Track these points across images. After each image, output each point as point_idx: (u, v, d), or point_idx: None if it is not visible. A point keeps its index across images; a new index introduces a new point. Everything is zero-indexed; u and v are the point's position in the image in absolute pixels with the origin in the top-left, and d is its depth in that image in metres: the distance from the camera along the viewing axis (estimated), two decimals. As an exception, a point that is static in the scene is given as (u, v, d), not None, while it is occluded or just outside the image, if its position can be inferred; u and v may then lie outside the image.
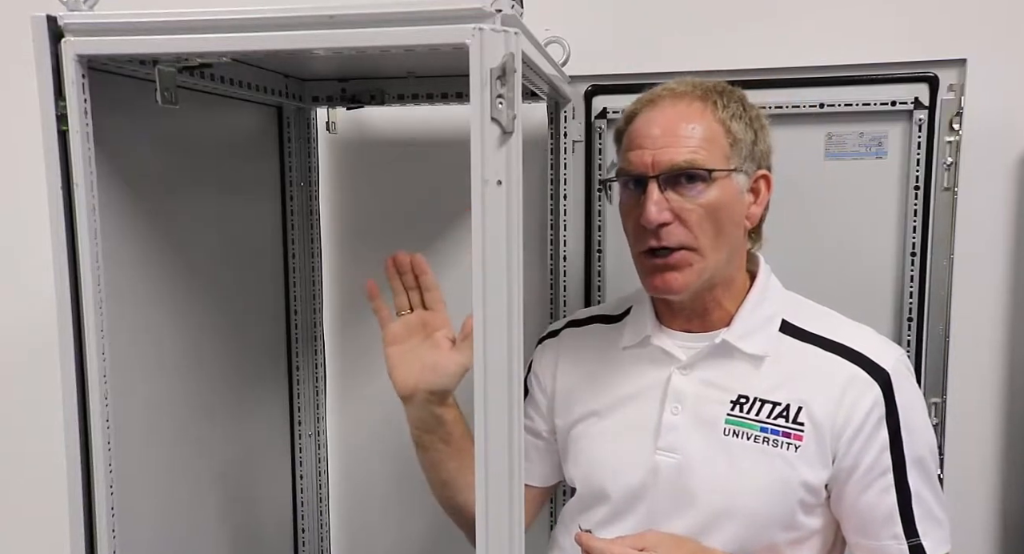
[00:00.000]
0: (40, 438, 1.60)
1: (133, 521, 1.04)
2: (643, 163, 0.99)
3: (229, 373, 1.34)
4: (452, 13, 0.81)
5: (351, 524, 1.72)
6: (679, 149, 0.98)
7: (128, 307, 1.07)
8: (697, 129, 0.99)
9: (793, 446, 0.97)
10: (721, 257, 1.00)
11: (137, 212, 1.09)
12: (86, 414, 0.96)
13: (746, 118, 1.02)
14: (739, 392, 1.00)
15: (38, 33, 0.90)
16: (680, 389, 1.03)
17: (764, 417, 0.98)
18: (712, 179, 0.98)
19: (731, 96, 1.03)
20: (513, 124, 0.79)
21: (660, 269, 0.99)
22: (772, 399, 0.99)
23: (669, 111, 1.01)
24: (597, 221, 1.49)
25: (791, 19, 1.43)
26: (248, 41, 0.88)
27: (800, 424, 0.97)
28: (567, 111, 1.45)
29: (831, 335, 1.01)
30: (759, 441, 0.98)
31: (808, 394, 0.98)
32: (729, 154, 1.00)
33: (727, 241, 1.00)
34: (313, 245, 1.55)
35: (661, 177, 0.98)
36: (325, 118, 1.55)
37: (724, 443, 0.99)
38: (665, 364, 1.05)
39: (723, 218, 0.99)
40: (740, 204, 1.01)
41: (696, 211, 0.98)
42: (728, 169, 0.99)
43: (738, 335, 1.02)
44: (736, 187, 1.00)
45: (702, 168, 0.97)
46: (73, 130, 0.91)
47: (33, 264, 1.32)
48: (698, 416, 1.01)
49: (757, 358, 1.01)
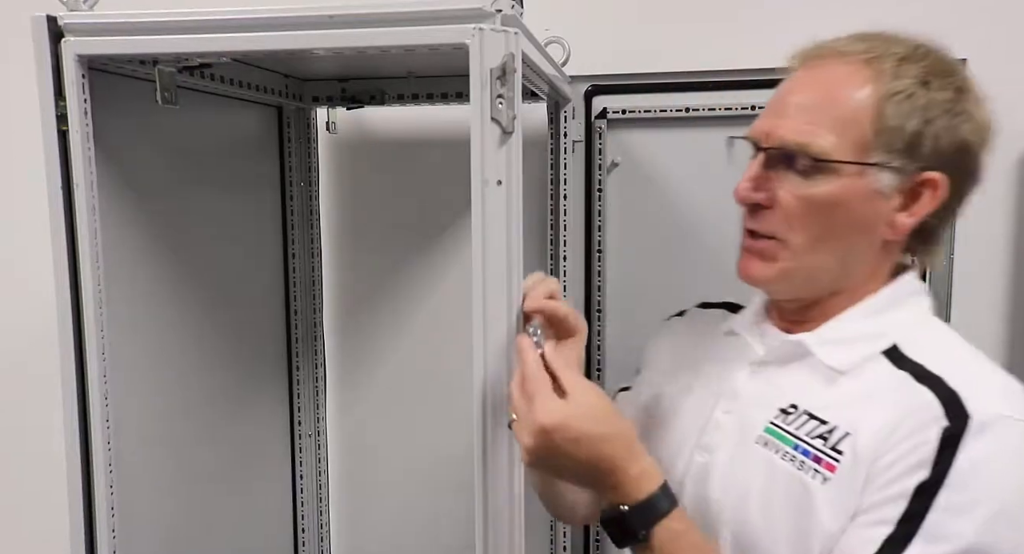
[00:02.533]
0: (40, 438, 1.60)
1: (133, 521, 1.04)
2: (760, 131, 0.85)
3: (229, 373, 1.34)
4: (452, 13, 0.81)
5: (351, 524, 1.72)
6: (796, 125, 0.81)
7: (128, 307, 1.07)
8: (831, 104, 0.80)
9: (821, 476, 0.77)
10: (822, 262, 0.83)
11: (137, 212, 1.09)
12: (86, 414, 0.96)
13: (926, 103, 0.79)
14: (792, 400, 0.84)
15: (38, 33, 0.90)
16: (739, 387, 0.90)
17: (803, 434, 0.81)
18: (830, 169, 0.79)
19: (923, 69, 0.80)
20: (513, 124, 0.79)
21: (746, 252, 0.86)
22: (821, 416, 0.81)
23: (816, 74, 0.84)
24: (597, 221, 1.49)
25: (791, 19, 1.42)
26: (248, 41, 0.88)
27: (838, 452, 0.77)
28: (567, 111, 1.45)
29: (935, 367, 0.78)
30: (787, 459, 0.81)
31: (863, 421, 0.77)
32: (869, 143, 0.79)
33: (837, 246, 0.82)
34: (313, 245, 1.55)
35: (770, 153, 0.83)
36: (325, 118, 1.55)
37: (750, 453, 0.84)
38: (743, 357, 0.91)
39: (836, 218, 0.81)
40: (873, 207, 0.81)
41: (797, 202, 0.81)
42: (851, 161, 0.79)
43: (820, 340, 0.85)
44: (870, 185, 0.80)
45: (808, 154, 0.80)
46: (73, 130, 0.91)
47: (33, 264, 1.32)
48: (743, 418, 0.87)
49: (833, 372, 0.83)
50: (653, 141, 1.47)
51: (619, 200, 1.49)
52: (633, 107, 1.45)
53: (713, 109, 1.42)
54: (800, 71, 0.86)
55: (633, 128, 1.48)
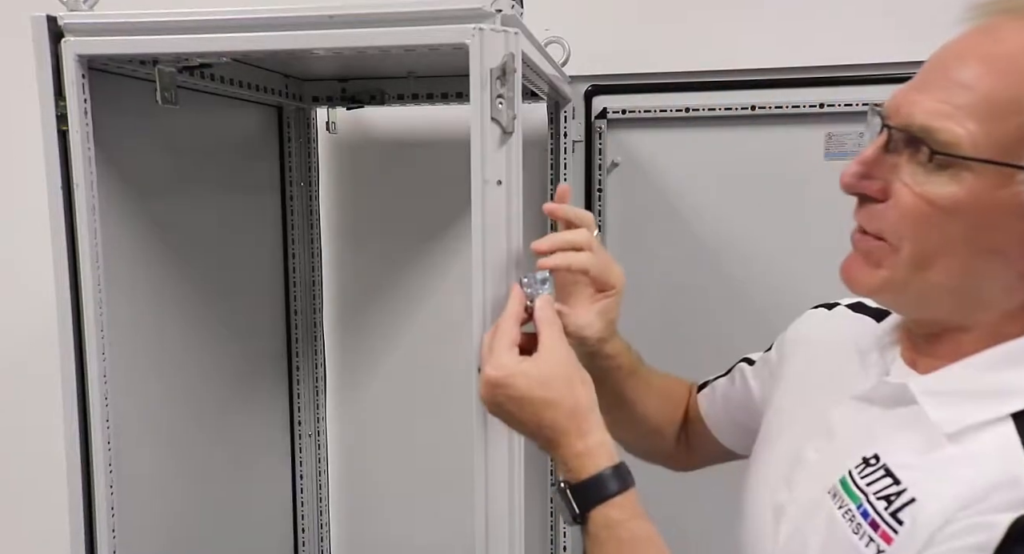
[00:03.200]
0: (40, 438, 1.60)
1: (133, 521, 1.04)
2: (892, 103, 0.67)
3: (229, 373, 1.34)
4: (452, 13, 0.81)
5: (351, 524, 1.72)
6: (931, 103, 0.63)
7: (128, 307, 1.07)
8: (990, 80, 0.61)
9: (876, 546, 0.65)
10: (934, 283, 0.66)
11: (137, 212, 1.09)
12: (86, 414, 0.96)
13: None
14: (876, 450, 0.70)
15: (38, 33, 0.90)
16: (835, 424, 0.76)
17: (872, 491, 0.67)
18: (961, 166, 0.61)
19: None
20: (513, 124, 0.79)
21: (854, 248, 0.72)
22: (898, 475, 0.67)
23: (987, 39, 0.64)
24: (597, 221, 1.49)
25: (791, 19, 1.42)
26: (248, 41, 0.88)
27: (898, 522, 0.64)
28: (567, 111, 1.45)
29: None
30: (847, 518, 0.68)
31: (939, 488, 0.63)
32: (1019, 142, 0.61)
33: (954, 266, 0.65)
34: (313, 245, 1.56)
35: (895, 132, 0.66)
36: (325, 118, 1.55)
37: (820, 505, 0.71)
38: (850, 388, 0.77)
39: (959, 231, 0.63)
40: (1013, 225, 0.62)
41: (916, 201, 0.64)
42: (986, 160, 0.61)
43: (930, 389, 0.69)
44: (1013, 196, 0.61)
45: (931, 142, 0.62)
46: (73, 130, 0.91)
47: (33, 264, 1.32)
48: (830, 461, 0.74)
49: (936, 429, 0.66)
50: (653, 141, 1.47)
51: (619, 200, 1.50)
52: (633, 107, 1.45)
53: (713, 109, 1.42)
54: (972, 30, 0.65)
55: (633, 128, 1.48)
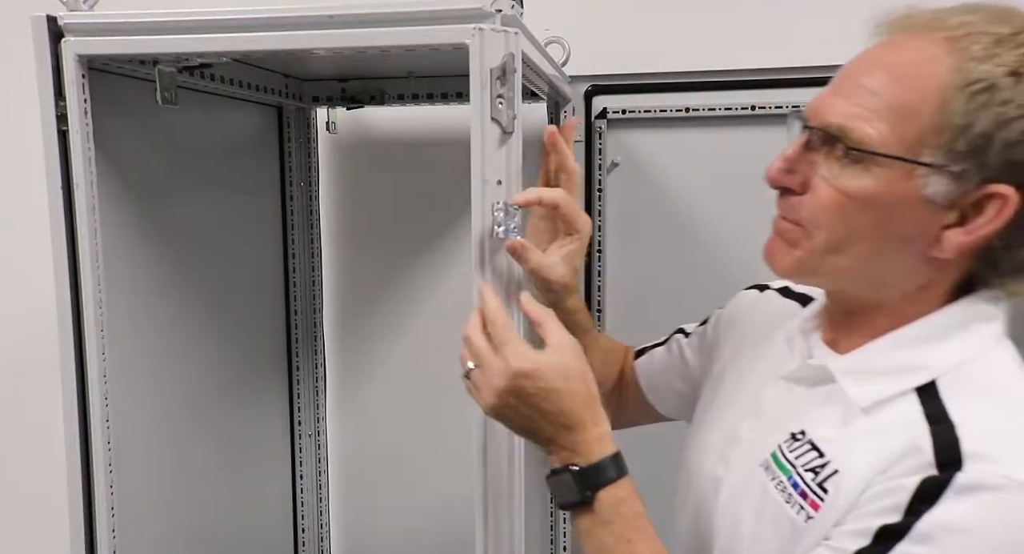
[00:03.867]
0: (40, 438, 1.60)
1: (133, 521, 1.04)
2: (811, 107, 0.75)
3: (229, 373, 1.34)
4: (452, 13, 0.81)
5: (351, 524, 1.72)
6: (847, 106, 0.71)
7: (128, 307, 1.07)
8: (894, 87, 0.69)
9: (806, 513, 0.72)
10: (844, 265, 0.73)
11: (137, 212, 1.09)
12: (86, 414, 0.96)
13: (1007, 99, 0.65)
14: (803, 426, 0.76)
15: (38, 33, 0.90)
16: (765, 403, 0.83)
17: (800, 464, 0.74)
18: (872, 162, 0.69)
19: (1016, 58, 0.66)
20: (513, 124, 0.79)
21: (773, 231, 0.78)
22: (822, 448, 0.74)
23: (889, 51, 0.72)
24: (597, 221, 1.49)
25: (791, 19, 1.42)
26: (248, 41, 0.88)
27: (824, 491, 0.71)
28: (567, 111, 1.45)
29: (957, 411, 0.68)
30: (779, 488, 0.75)
31: (857, 460, 0.70)
32: (925, 139, 0.67)
33: (862, 251, 0.72)
34: (313, 245, 1.56)
35: (814, 132, 0.73)
36: (325, 118, 1.55)
37: (753, 478, 0.78)
38: (779, 369, 0.84)
39: (869, 221, 0.70)
40: (916, 215, 0.69)
41: (831, 193, 0.71)
42: (894, 156, 0.68)
43: (846, 368, 0.76)
44: (917, 189, 0.68)
45: (847, 140, 0.69)
46: (73, 130, 0.91)
47: (33, 264, 1.32)
48: (761, 438, 0.80)
49: (853, 404, 0.74)
50: (653, 141, 1.47)
51: (619, 200, 1.50)
52: (633, 107, 1.45)
53: (713, 109, 1.42)
54: (879, 44, 0.74)
55: (633, 128, 1.48)
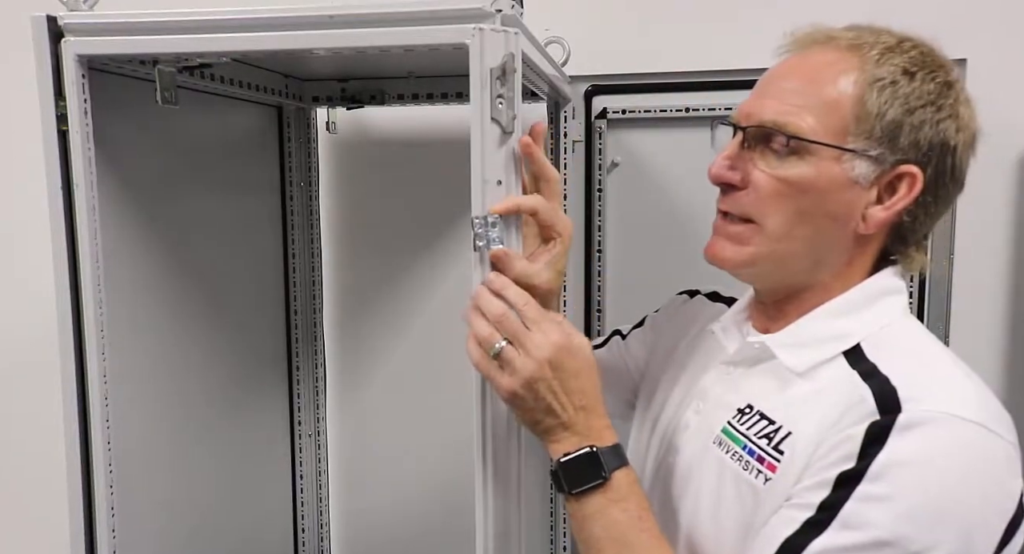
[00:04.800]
0: (40, 438, 1.60)
1: (133, 521, 1.04)
2: (741, 112, 0.85)
3: (229, 373, 1.34)
4: (452, 13, 0.81)
5: (351, 524, 1.72)
6: (777, 105, 0.81)
7: (128, 307, 1.07)
8: (814, 87, 0.80)
9: (764, 476, 0.78)
10: (793, 250, 0.82)
11: (137, 212, 1.09)
12: (86, 414, 0.96)
13: (908, 92, 0.78)
14: (749, 400, 0.85)
15: (38, 33, 0.90)
16: (707, 387, 0.91)
17: (752, 434, 0.81)
18: (806, 151, 0.79)
19: (908, 59, 0.80)
20: (513, 124, 0.79)
21: (716, 233, 0.87)
22: (771, 416, 0.82)
23: (804, 59, 0.84)
24: (597, 221, 1.49)
25: (791, 20, 1.42)
26: (248, 41, 0.88)
27: (779, 452, 0.78)
28: (567, 111, 1.45)
29: (886, 366, 0.77)
30: (735, 459, 0.82)
31: (804, 421, 0.78)
32: (848, 129, 0.78)
33: (807, 233, 0.81)
34: (313, 245, 1.55)
35: (748, 132, 0.82)
36: (325, 118, 1.55)
37: (707, 454, 0.85)
38: (716, 357, 0.92)
39: (808, 204, 0.80)
40: (847, 196, 0.79)
41: (770, 182, 0.80)
42: (826, 144, 0.78)
43: (782, 343, 0.84)
44: (846, 173, 0.79)
45: (784, 132, 0.79)
46: (73, 130, 0.91)
47: (33, 264, 1.32)
48: (709, 419, 0.88)
49: (791, 373, 0.82)
50: (653, 141, 1.48)
51: (619, 200, 1.50)
52: (633, 107, 1.45)
53: (713, 109, 1.42)
54: (789, 55, 0.86)
55: (633, 128, 1.48)
